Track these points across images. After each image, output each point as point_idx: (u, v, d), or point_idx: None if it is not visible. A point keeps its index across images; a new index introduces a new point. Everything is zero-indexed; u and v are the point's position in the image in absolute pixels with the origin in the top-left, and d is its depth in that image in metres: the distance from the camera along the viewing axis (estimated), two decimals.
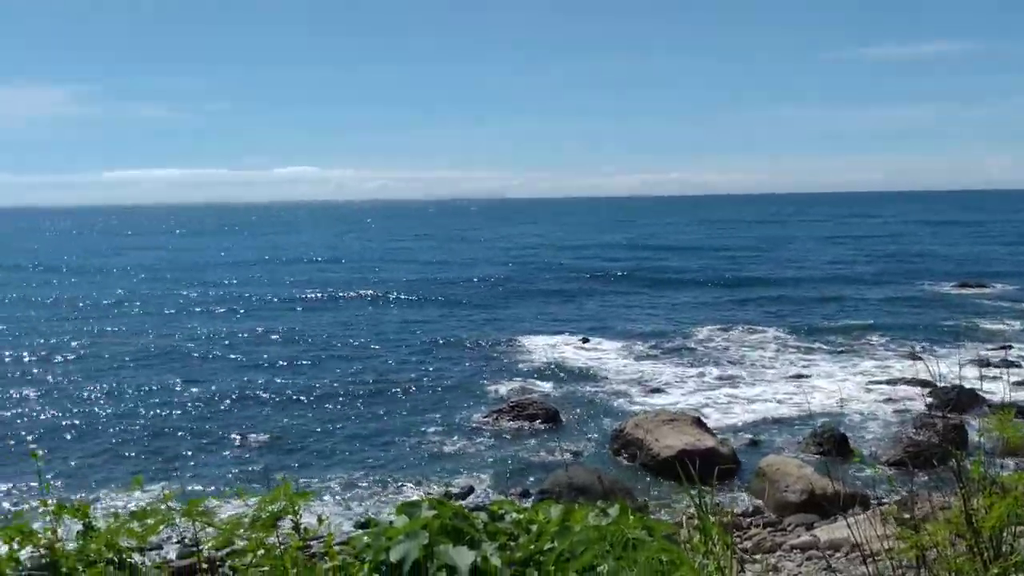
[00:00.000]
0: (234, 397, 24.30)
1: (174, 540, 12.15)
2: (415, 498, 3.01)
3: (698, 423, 18.82)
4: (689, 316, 37.79)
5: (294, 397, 24.36)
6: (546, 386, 25.25)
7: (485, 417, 21.78)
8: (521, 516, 3.09)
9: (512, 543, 2.88)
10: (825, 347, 29.87)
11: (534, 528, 2.95)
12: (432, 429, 21.06)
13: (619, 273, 55.62)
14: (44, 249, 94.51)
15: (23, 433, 21.08)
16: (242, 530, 2.81)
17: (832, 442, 18.23)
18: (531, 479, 17.46)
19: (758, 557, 11.39)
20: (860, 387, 24.13)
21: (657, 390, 24.44)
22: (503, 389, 24.89)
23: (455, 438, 20.39)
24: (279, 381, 26.25)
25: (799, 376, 25.60)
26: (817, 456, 17.89)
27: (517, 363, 28.40)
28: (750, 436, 20.01)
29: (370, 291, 47.96)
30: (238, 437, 20.65)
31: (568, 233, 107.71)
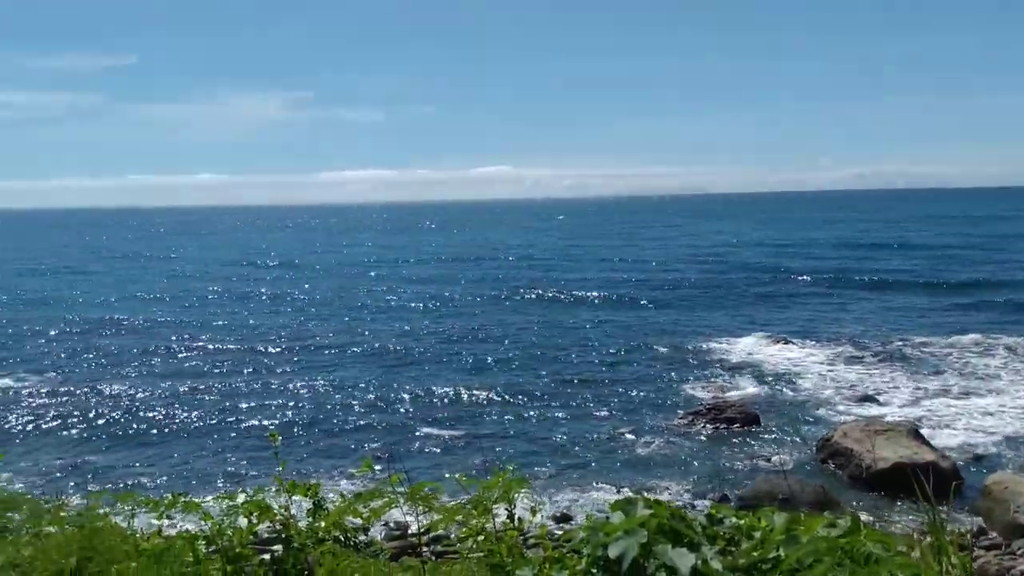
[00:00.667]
0: (436, 391, 25.22)
1: (381, 523, 12.76)
2: (631, 496, 2.95)
3: (915, 435, 17.58)
4: (905, 320, 35.42)
5: (491, 394, 24.94)
6: (746, 389, 24.45)
7: (681, 419, 21.40)
8: (741, 521, 2.94)
9: (732, 549, 2.75)
10: None
11: (756, 535, 2.80)
12: (626, 429, 20.91)
13: (827, 273, 52.93)
14: (268, 246, 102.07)
15: (258, 416, 22.88)
16: (461, 515, 2.85)
17: None
18: (730, 485, 16.97)
19: None
20: None
21: (868, 398, 23.04)
22: (700, 391, 24.36)
23: (650, 439, 20.16)
24: (477, 379, 26.99)
25: None
26: None
27: (714, 364, 27.71)
28: (974, 451, 18.45)
29: (562, 290, 48.35)
30: (441, 430, 21.45)
31: (772, 230, 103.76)
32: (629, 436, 20.41)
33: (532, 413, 22.80)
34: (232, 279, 60.13)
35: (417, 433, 21.19)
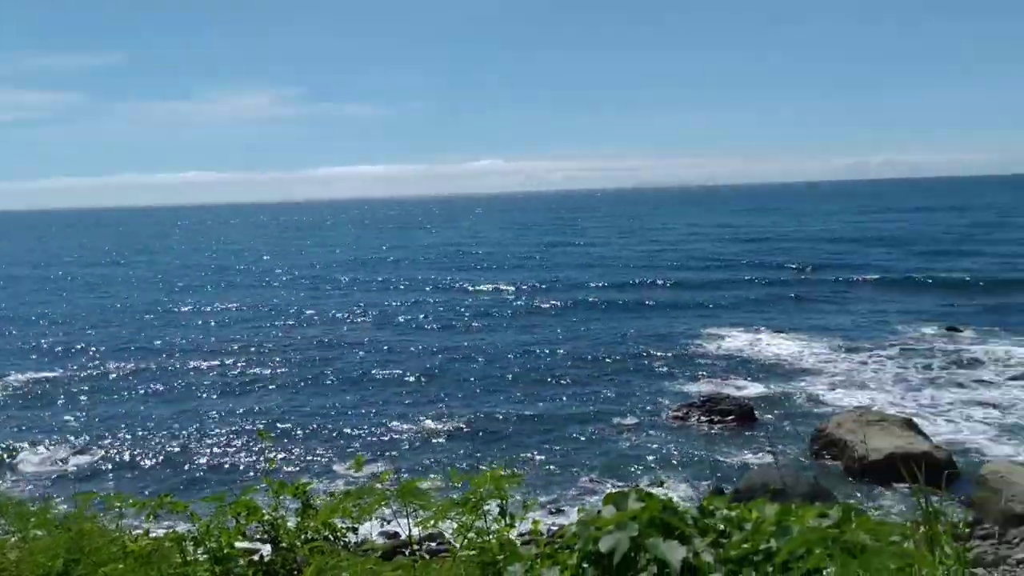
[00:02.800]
0: (427, 393, 25.23)
1: (376, 522, 12.70)
2: (622, 489, 2.92)
3: (909, 425, 17.62)
4: (897, 312, 35.50)
5: (483, 385, 24.99)
6: (740, 382, 24.48)
7: (675, 412, 21.42)
8: (733, 513, 2.91)
9: (723, 540, 2.73)
10: None
11: (748, 527, 2.78)
12: (620, 424, 20.93)
13: (818, 266, 53.12)
14: (221, 247, 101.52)
15: (246, 418, 22.82)
16: (453, 512, 2.82)
17: None
18: (724, 477, 16.99)
19: (980, 571, 10.49)
20: None
21: (861, 390, 23.11)
22: (694, 385, 24.38)
23: (644, 433, 20.19)
24: (468, 371, 27.03)
25: None
26: None
27: (708, 359, 27.71)
28: (969, 441, 18.51)
29: (544, 292, 48.27)
30: (431, 421, 21.46)
31: (761, 223, 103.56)
32: (623, 431, 20.42)
33: (524, 412, 22.77)
34: (206, 287, 59.86)
35: (408, 433, 21.13)
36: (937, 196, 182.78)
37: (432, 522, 2.83)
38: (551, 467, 18.11)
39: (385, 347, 31.78)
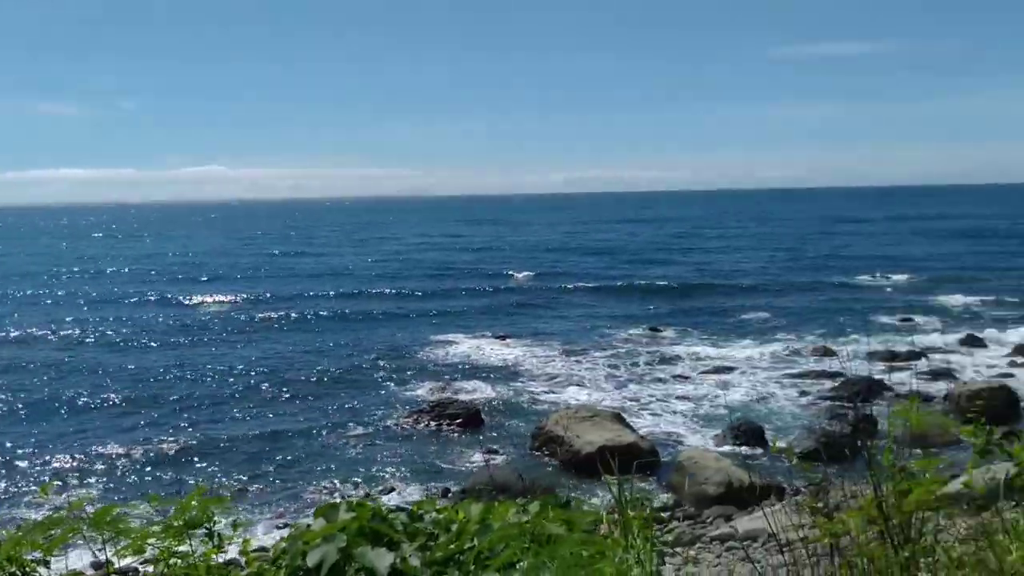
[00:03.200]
0: (143, 403, 23.61)
1: (88, 550, 11.70)
2: (334, 501, 2.97)
3: (618, 419, 19.07)
4: (605, 317, 38.23)
5: (206, 403, 23.81)
6: (466, 386, 25.22)
7: (405, 418, 21.66)
8: (441, 516, 3.06)
9: (432, 543, 2.85)
10: (737, 344, 30.62)
11: (454, 527, 2.93)
12: (352, 432, 20.83)
13: (536, 274, 56.13)
14: None
15: None
16: (153, 539, 2.71)
17: (748, 435, 18.75)
18: (452, 479, 17.44)
19: (678, 550, 11.56)
20: (773, 381, 24.83)
21: (577, 388, 24.69)
22: (423, 390, 24.80)
23: (376, 440, 20.23)
24: (190, 389, 25.63)
25: (714, 372, 26.19)
26: (734, 449, 18.36)
27: (436, 364, 28.30)
28: (668, 431, 20.39)
29: (278, 305, 47.08)
30: (150, 443, 20.10)
31: (487, 233, 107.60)
32: (354, 440, 20.32)
33: (252, 420, 22.06)
34: None
35: (119, 458, 19.55)
36: (641, 209, 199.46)
37: (128, 551, 2.71)
38: (278, 483, 17.62)
39: (91, 367, 29.23)
